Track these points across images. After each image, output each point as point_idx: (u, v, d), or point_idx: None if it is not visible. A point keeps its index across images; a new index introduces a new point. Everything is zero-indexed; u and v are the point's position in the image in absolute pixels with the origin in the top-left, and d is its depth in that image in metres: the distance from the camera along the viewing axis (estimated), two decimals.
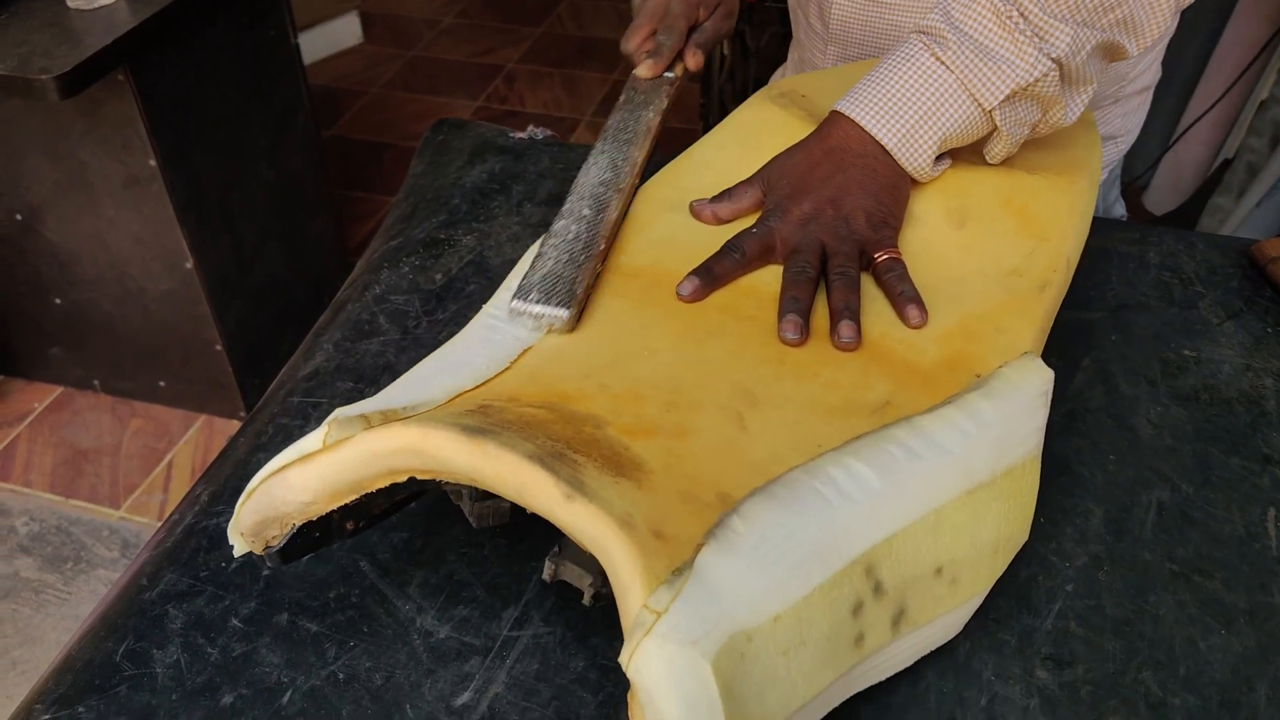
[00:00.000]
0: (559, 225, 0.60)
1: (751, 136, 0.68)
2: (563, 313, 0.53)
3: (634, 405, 0.49)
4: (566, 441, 0.44)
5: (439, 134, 0.88)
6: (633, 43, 0.78)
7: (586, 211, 0.61)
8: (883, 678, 0.46)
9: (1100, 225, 0.74)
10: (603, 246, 0.58)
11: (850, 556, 0.43)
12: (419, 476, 0.44)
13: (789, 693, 0.41)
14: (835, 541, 0.43)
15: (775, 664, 0.40)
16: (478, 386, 0.50)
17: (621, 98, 0.74)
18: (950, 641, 0.48)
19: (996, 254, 0.59)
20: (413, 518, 0.55)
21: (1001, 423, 0.49)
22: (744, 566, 0.40)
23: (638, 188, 0.65)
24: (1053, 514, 0.55)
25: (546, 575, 0.46)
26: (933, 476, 0.47)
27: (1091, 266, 0.71)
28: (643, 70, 0.75)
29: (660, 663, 0.36)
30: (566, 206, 0.62)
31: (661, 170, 0.67)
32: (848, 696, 0.45)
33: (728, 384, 0.51)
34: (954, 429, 0.48)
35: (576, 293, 0.55)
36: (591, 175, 0.65)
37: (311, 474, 0.44)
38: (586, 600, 0.45)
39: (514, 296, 0.55)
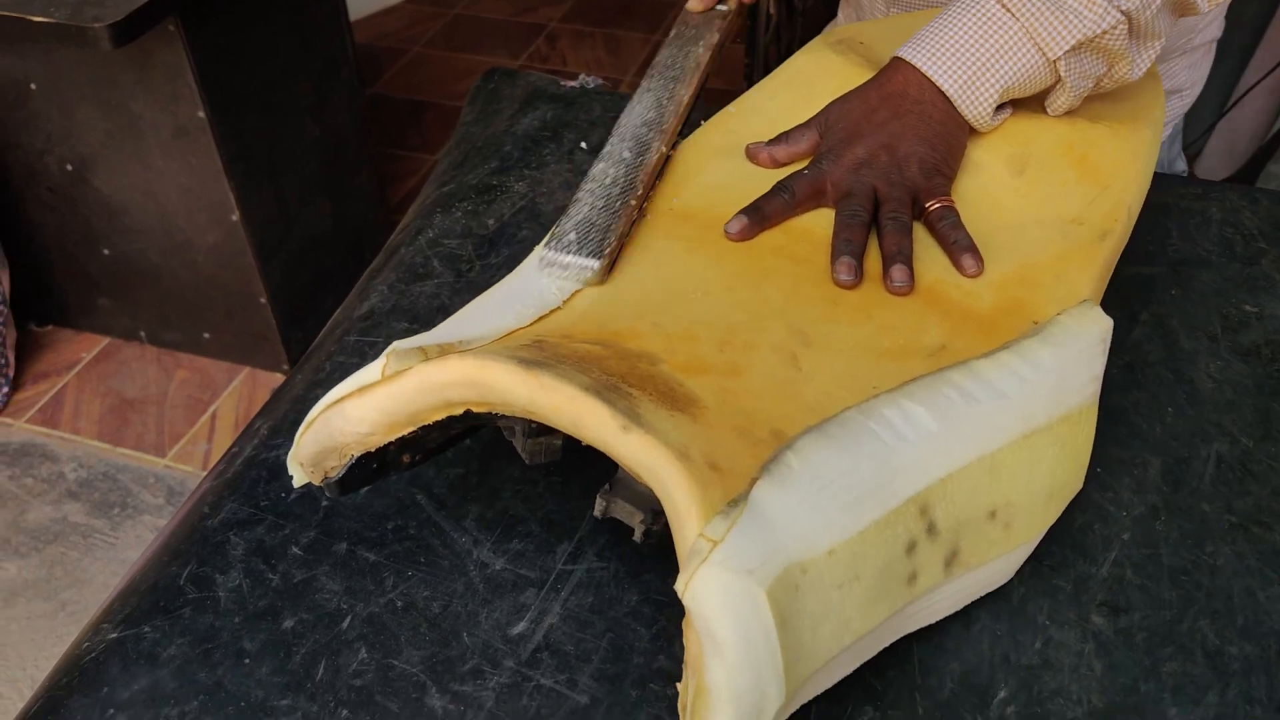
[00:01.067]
0: (597, 169, 0.59)
1: (808, 83, 0.67)
2: (593, 263, 0.52)
3: (687, 344, 0.49)
4: (621, 376, 0.44)
5: (489, 83, 0.88)
6: (690, 3, 0.76)
7: (626, 154, 0.59)
8: (934, 619, 0.46)
9: (1161, 180, 0.73)
10: (641, 191, 0.57)
11: (904, 496, 0.43)
12: (475, 410, 0.44)
13: (842, 626, 0.41)
14: (890, 480, 0.43)
15: (829, 597, 0.40)
16: (531, 324, 0.50)
17: (671, 33, 0.72)
18: (1004, 586, 0.48)
19: (1057, 202, 0.58)
20: (468, 454, 0.55)
21: (1059, 369, 0.49)
22: (799, 500, 0.40)
23: (683, 128, 0.64)
24: (1110, 464, 0.54)
25: (598, 512, 0.46)
26: (988, 420, 0.46)
27: (1151, 221, 0.70)
28: (694, 3, 0.73)
29: (717, 590, 0.37)
30: (606, 149, 0.60)
31: (714, 117, 0.67)
32: (899, 636, 0.45)
33: (782, 324, 0.51)
34: (1011, 374, 0.48)
35: (610, 242, 0.53)
36: (635, 115, 0.63)
37: (369, 405, 0.44)
38: (637, 537, 0.45)
39: (544, 244, 0.54)
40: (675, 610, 0.48)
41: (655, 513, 0.45)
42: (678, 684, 0.38)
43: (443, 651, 0.47)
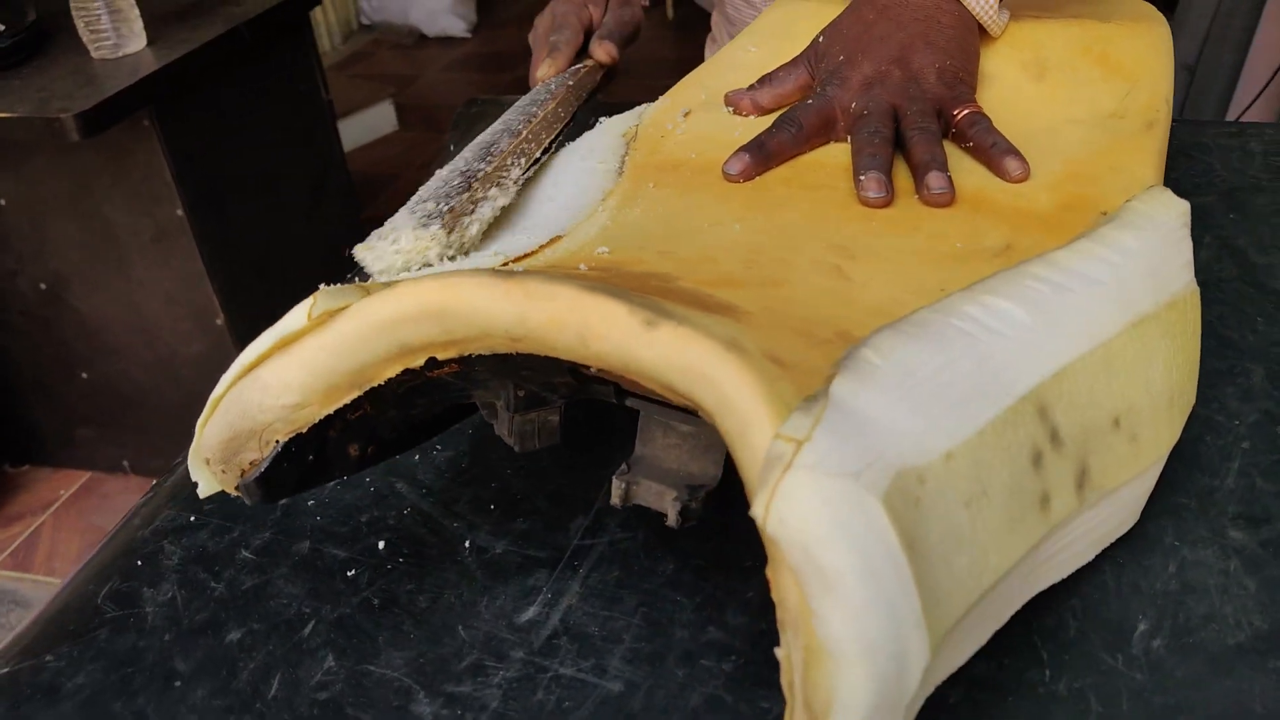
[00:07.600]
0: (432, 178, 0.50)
1: (784, 33, 0.61)
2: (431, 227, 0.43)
3: (706, 264, 0.42)
4: (632, 289, 0.36)
5: (472, 108, 0.84)
6: (539, 71, 0.68)
7: (467, 155, 0.52)
8: (1065, 573, 0.36)
9: (1190, 125, 0.67)
10: (488, 169, 0.49)
11: (1017, 393, 0.34)
12: (441, 357, 0.33)
13: (979, 561, 0.31)
14: (995, 376, 0.34)
15: (958, 517, 0.30)
16: (506, 262, 0.43)
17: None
18: None
19: (1088, 101, 0.52)
20: (456, 437, 0.47)
21: (1148, 252, 0.41)
22: (892, 399, 0.31)
23: (547, 145, 0.55)
24: (1207, 377, 0.46)
25: (616, 499, 0.36)
26: (1088, 308, 0.38)
27: (1189, 160, 0.64)
28: (542, 70, 0.66)
29: (815, 501, 0.26)
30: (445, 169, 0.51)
31: (685, 76, 0.61)
32: (1029, 597, 0.35)
33: (816, 242, 0.43)
34: (1097, 260, 0.40)
35: (450, 208, 0.44)
36: (477, 138, 0.55)
37: (295, 365, 0.33)
38: (671, 521, 0.35)
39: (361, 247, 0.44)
40: (725, 575, 0.39)
41: (692, 488, 0.36)
42: (776, 651, 0.27)
43: (432, 650, 0.37)
